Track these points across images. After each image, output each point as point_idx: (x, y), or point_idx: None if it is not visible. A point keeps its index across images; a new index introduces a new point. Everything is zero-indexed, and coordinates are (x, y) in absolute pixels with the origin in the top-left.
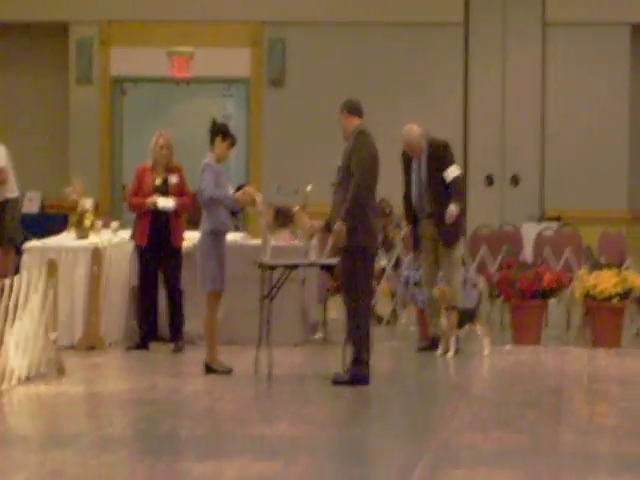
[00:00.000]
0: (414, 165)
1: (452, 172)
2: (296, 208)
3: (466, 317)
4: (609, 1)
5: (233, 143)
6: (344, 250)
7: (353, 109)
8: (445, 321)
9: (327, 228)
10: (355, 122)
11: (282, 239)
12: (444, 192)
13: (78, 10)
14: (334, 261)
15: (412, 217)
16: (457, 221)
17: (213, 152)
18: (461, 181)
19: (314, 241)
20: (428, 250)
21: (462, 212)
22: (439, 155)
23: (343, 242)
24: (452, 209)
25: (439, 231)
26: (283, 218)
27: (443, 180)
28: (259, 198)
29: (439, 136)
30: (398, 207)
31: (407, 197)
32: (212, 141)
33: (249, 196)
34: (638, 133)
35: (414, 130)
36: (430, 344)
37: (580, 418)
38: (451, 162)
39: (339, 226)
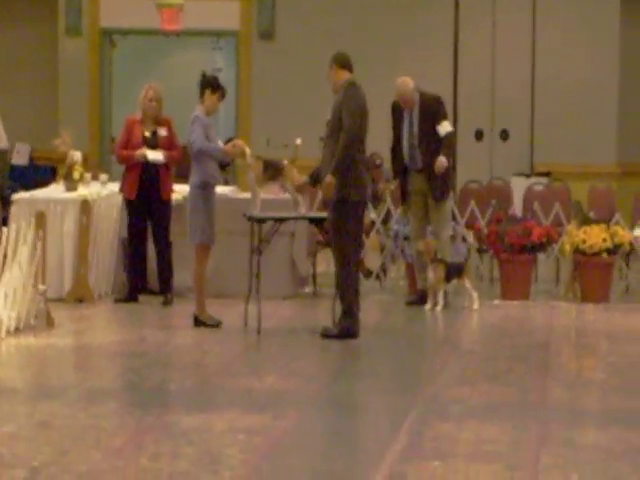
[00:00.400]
0: (405, 117)
1: (445, 127)
2: (285, 162)
3: (454, 271)
4: None
5: (223, 95)
6: (334, 203)
7: (343, 63)
8: (432, 274)
9: (312, 181)
10: (345, 76)
11: (271, 192)
12: (436, 146)
13: None
14: (323, 214)
15: (401, 170)
16: (447, 176)
17: (203, 105)
18: (453, 137)
19: (304, 194)
20: (418, 204)
21: (452, 167)
22: (432, 109)
23: (333, 195)
24: (442, 160)
25: (429, 185)
26: (272, 171)
27: (435, 134)
28: (248, 151)
29: (430, 90)
30: (388, 160)
31: (396, 150)
32: (202, 94)
33: (239, 149)
34: (627, 88)
35: (408, 82)
36: (418, 298)
37: (568, 372)
38: (444, 117)
39: (329, 179)
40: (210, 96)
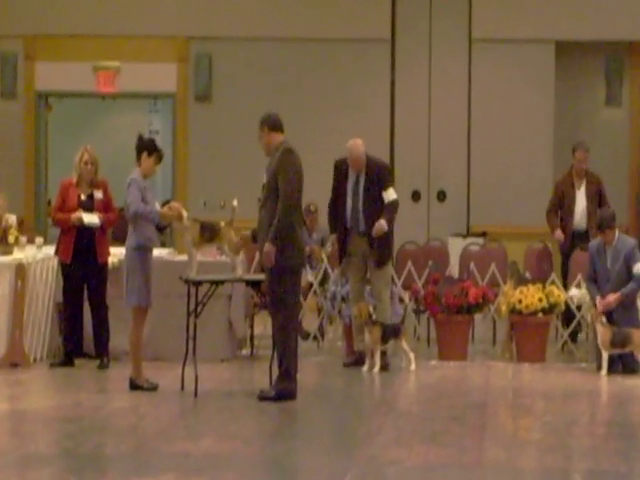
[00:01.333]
0: (351, 179)
1: (390, 194)
2: (222, 223)
3: (390, 332)
4: (534, 18)
5: (160, 158)
6: (272, 268)
7: (274, 125)
8: (368, 336)
9: (253, 239)
10: (277, 138)
11: (208, 254)
12: (378, 212)
13: (3, 24)
14: (260, 277)
15: (342, 230)
16: (388, 240)
17: (139, 167)
18: (397, 204)
19: (241, 256)
20: (357, 266)
21: (391, 231)
22: (380, 175)
23: (271, 263)
24: (382, 223)
25: (371, 250)
26: (209, 233)
27: (379, 200)
28: (185, 213)
29: (379, 158)
30: (322, 215)
31: (335, 208)
32: (138, 157)
33: (175, 211)
34: (562, 149)
35: (359, 145)
36: (356, 360)
37: (504, 432)
38: (391, 184)
39: (268, 247)
40: (147, 159)
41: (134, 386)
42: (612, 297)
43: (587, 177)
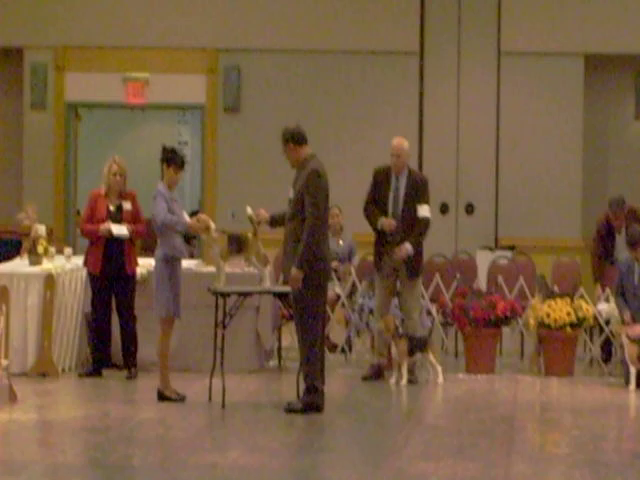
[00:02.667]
0: (392, 184)
1: (425, 210)
2: (250, 235)
3: (417, 345)
4: (563, 31)
5: (178, 167)
6: None
7: (299, 140)
8: (395, 349)
9: (271, 223)
10: (303, 151)
11: (236, 266)
12: (413, 224)
13: (33, 35)
14: (288, 289)
15: (377, 239)
16: (420, 254)
17: (163, 179)
18: (428, 223)
19: (268, 268)
20: (388, 280)
21: (421, 246)
22: (419, 187)
23: (298, 288)
24: (407, 247)
25: (405, 262)
26: (237, 245)
27: (416, 212)
28: (213, 225)
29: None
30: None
31: (373, 211)
32: (162, 168)
33: (203, 223)
34: (591, 162)
35: (403, 143)
36: (375, 373)
37: (532, 447)
38: (427, 200)
39: (295, 273)
40: (167, 170)
41: (162, 397)
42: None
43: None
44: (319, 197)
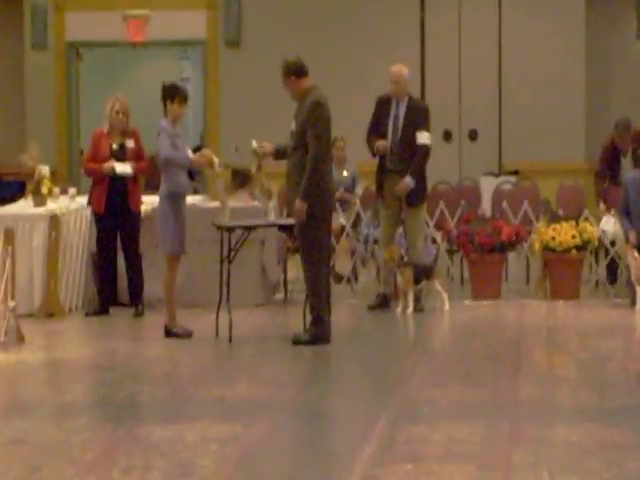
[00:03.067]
0: (392, 111)
1: (424, 137)
2: (253, 169)
3: (422, 273)
4: None
5: (183, 100)
6: None
7: (300, 71)
8: (400, 278)
9: (276, 154)
10: (304, 83)
11: (241, 200)
12: (412, 153)
13: None
14: (292, 221)
15: (378, 169)
16: (423, 181)
17: (167, 116)
18: (428, 151)
19: (273, 201)
20: (391, 208)
21: (424, 173)
22: (418, 113)
23: (303, 219)
24: (407, 182)
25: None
26: (241, 179)
27: (415, 139)
28: (216, 160)
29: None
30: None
31: (373, 135)
32: (164, 105)
33: (206, 158)
34: (594, 84)
35: (402, 69)
36: (381, 302)
37: (539, 370)
38: (427, 127)
39: (299, 205)
40: (171, 105)
41: (169, 333)
42: None
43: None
44: (321, 128)
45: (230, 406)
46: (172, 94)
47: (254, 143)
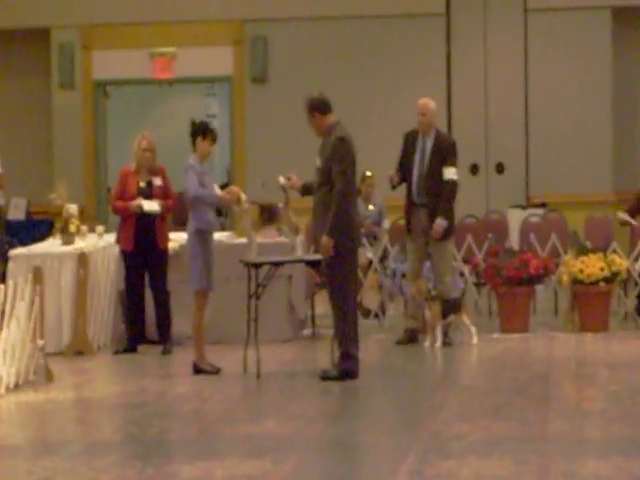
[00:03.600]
0: (419, 145)
1: (451, 173)
2: (280, 204)
3: (450, 307)
4: None
5: (214, 139)
6: None
7: (324, 108)
8: (428, 312)
9: (303, 190)
10: (329, 119)
11: (268, 236)
12: (439, 188)
13: (59, 14)
14: (319, 257)
15: (406, 203)
16: (450, 217)
17: (195, 153)
18: (456, 187)
19: (300, 236)
20: (418, 243)
21: (452, 207)
22: (446, 148)
23: (329, 255)
24: (440, 224)
25: (431, 224)
26: (268, 215)
27: (442, 174)
28: (244, 196)
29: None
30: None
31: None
32: (193, 142)
33: (234, 195)
34: (620, 116)
35: (429, 103)
36: (409, 337)
37: (568, 403)
38: (454, 162)
39: (325, 241)
40: (201, 142)
41: (197, 370)
42: None
43: None
44: (346, 164)
45: (259, 443)
46: (203, 131)
47: (281, 179)
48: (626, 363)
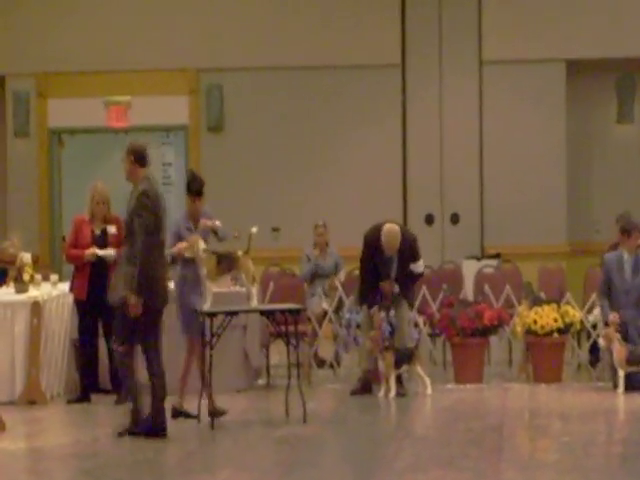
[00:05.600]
0: (385, 256)
1: (420, 266)
2: (240, 252)
3: (404, 357)
4: (544, 38)
5: (192, 194)
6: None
7: (140, 158)
8: (382, 362)
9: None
10: (140, 172)
11: (224, 285)
12: (407, 281)
13: (14, 63)
14: (275, 307)
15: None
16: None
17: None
18: (422, 274)
19: (256, 286)
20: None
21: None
22: (410, 251)
23: (138, 313)
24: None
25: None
26: (227, 264)
27: (410, 271)
28: (203, 245)
29: (407, 230)
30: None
31: (366, 281)
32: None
33: (192, 243)
34: (575, 167)
35: (397, 234)
36: (361, 387)
37: (522, 454)
38: (419, 256)
39: (133, 300)
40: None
41: (177, 414)
42: None
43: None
44: (147, 219)
45: None
46: (187, 187)
47: (254, 229)
48: (579, 414)
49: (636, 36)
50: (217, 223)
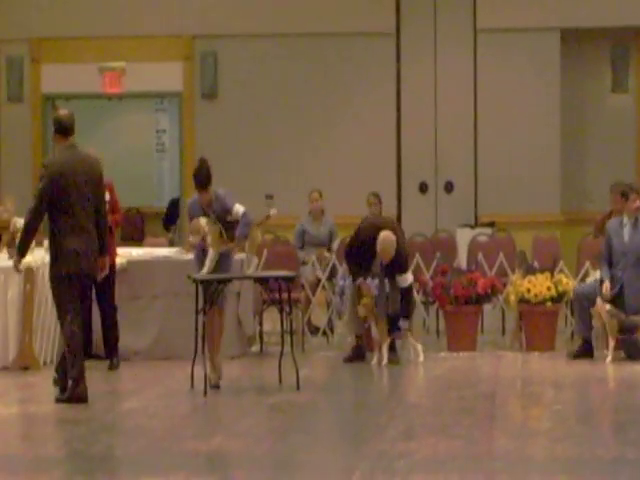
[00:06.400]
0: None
1: (406, 280)
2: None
3: (397, 324)
4: (539, 6)
5: (196, 182)
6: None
7: (59, 128)
8: (375, 330)
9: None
10: (62, 141)
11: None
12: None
13: (8, 28)
14: (268, 274)
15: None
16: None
17: None
18: (412, 289)
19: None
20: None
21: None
22: (399, 259)
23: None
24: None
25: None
26: (230, 234)
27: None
28: (204, 220)
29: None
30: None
31: (355, 256)
32: None
33: (196, 228)
34: (569, 137)
35: (392, 241)
36: (354, 354)
37: (514, 422)
38: (407, 269)
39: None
40: None
41: None
42: None
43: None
44: (37, 188)
45: (205, 459)
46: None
47: (273, 211)
48: (571, 383)
49: (631, 5)
50: (273, 212)
